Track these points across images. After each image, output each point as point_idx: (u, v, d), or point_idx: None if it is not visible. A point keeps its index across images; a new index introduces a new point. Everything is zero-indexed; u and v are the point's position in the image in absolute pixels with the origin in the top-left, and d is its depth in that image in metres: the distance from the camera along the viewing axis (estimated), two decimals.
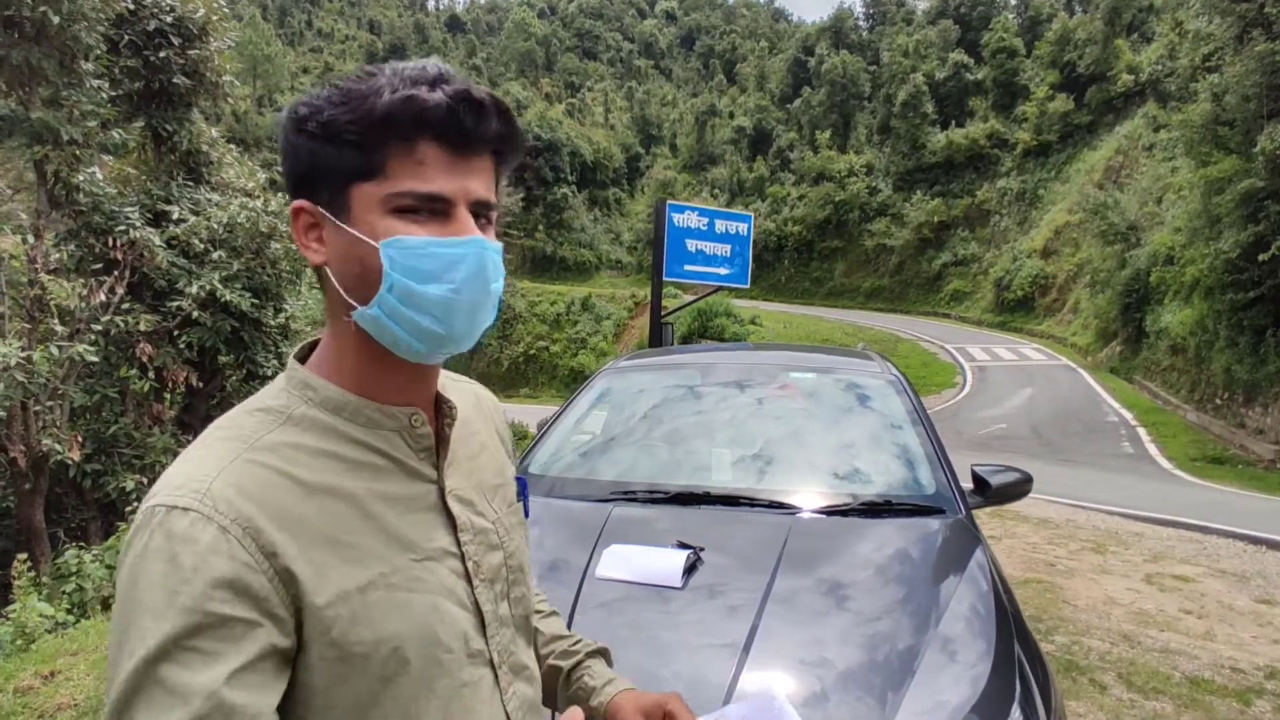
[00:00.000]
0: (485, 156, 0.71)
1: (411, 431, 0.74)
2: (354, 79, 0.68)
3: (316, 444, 0.69)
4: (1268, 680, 3.84)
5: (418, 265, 0.66)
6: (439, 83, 0.66)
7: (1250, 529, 7.94)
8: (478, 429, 0.86)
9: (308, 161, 0.68)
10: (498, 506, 0.82)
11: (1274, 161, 12.57)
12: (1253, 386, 14.76)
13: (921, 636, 1.77)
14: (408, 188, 0.66)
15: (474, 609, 0.75)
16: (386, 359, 0.71)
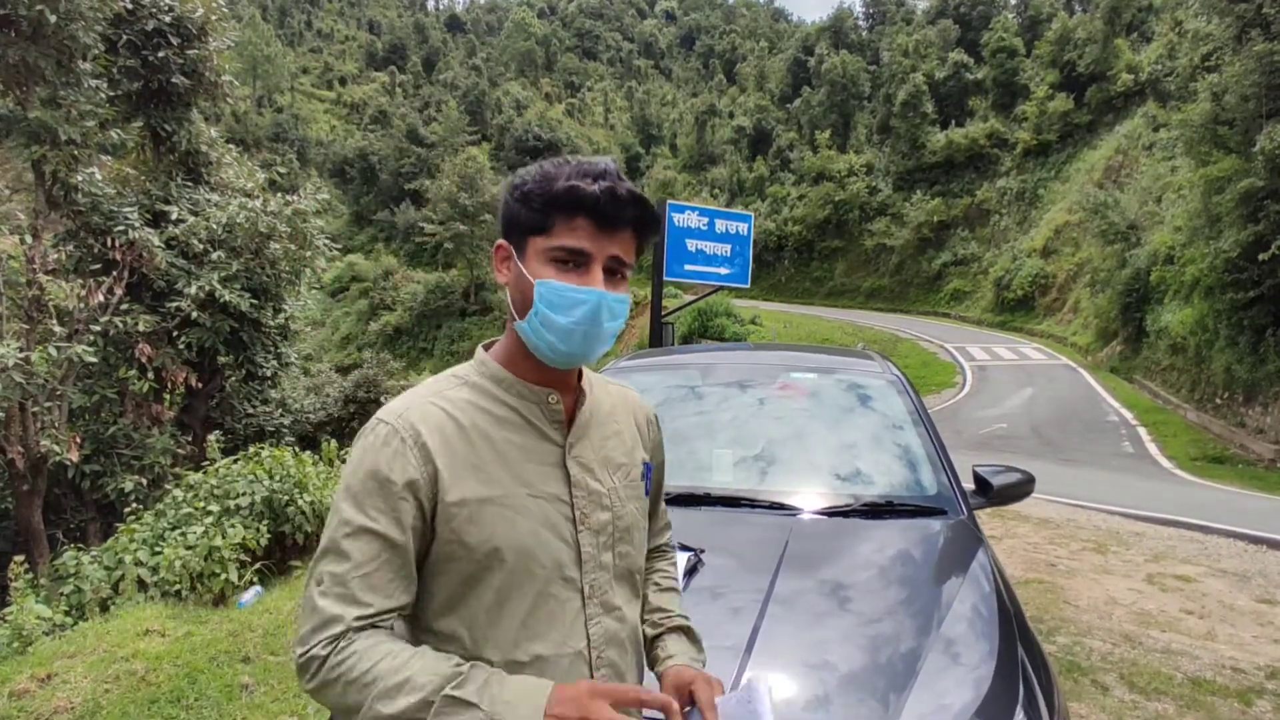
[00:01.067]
0: (626, 231, 0.98)
1: (547, 406, 1.02)
2: (552, 163, 0.99)
3: (478, 401, 1.01)
4: (1268, 680, 3.83)
5: (555, 300, 0.94)
6: (600, 178, 0.95)
7: (1251, 528, 7.92)
8: (618, 419, 1.13)
9: (510, 215, 0.99)
10: (617, 479, 1.07)
11: (1273, 161, 12.55)
12: (1252, 386, 14.75)
13: (924, 638, 1.76)
14: (562, 244, 0.95)
15: (574, 546, 1.00)
16: (531, 355, 1.00)
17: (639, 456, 1.13)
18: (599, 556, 1.03)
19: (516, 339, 1.01)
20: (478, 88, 68.30)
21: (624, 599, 1.07)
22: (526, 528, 0.96)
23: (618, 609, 1.05)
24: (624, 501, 1.07)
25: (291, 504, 5.37)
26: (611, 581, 1.04)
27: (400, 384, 15.80)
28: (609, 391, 1.17)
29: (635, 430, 1.16)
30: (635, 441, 1.14)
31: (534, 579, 0.97)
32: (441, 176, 45.43)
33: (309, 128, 68.78)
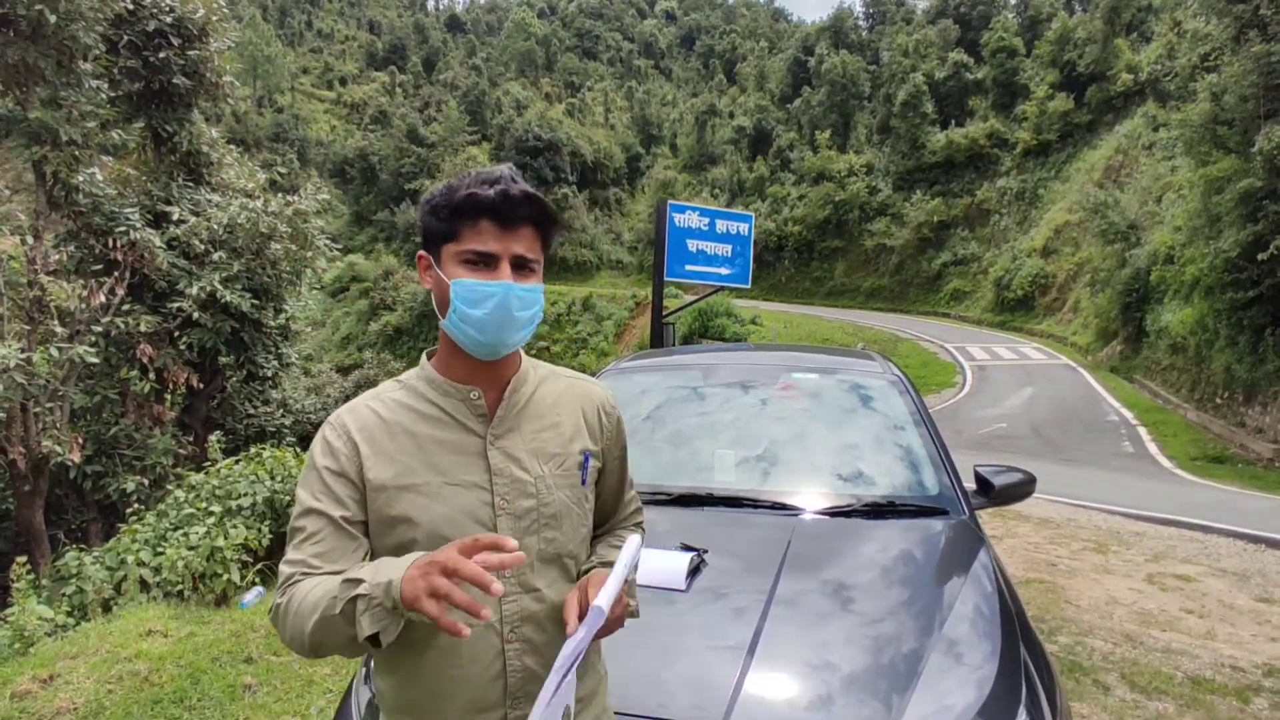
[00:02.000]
0: (527, 228, 1.08)
1: (469, 401, 1.12)
2: (456, 178, 1.08)
3: (407, 401, 1.13)
4: (1266, 678, 3.84)
5: (468, 295, 1.04)
6: (495, 183, 1.05)
7: (1250, 528, 7.93)
8: (560, 411, 1.20)
9: (425, 227, 1.10)
10: (548, 468, 1.14)
11: (1272, 161, 12.56)
12: (1252, 385, 14.75)
13: (926, 639, 1.76)
14: (469, 247, 1.06)
15: (492, 528, 1.09)
16: (460, 353, 1.11)
17: (576, 447, 1.19)
18: (520, 540, 1.09)
19: (446, 340, 1.13)
20: (478, 88, 68.28)
21: (546, 581, 1.13)
22: (439, 511, 1.07)
23: (537, 590, 1.12)
24: (552, 489, 1.14)
25: (292, 505, 5.37)
26: (534, 564, 1.12)
27: None
28: (558, 385, 1.23)
29: (580, 422, 1.21)
30: (577, 433, 1.20)
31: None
32: (441, 177, 45.47)
33: (309, 128, 68.79)
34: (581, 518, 1.18)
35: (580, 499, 1.18)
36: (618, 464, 1.30)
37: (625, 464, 1.32)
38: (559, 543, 1.14)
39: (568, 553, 1.16)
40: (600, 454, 1.23)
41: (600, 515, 1.31)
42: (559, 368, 1.28)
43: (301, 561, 1.04)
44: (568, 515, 1.15)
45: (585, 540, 1.21)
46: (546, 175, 55.52)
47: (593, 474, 1.21)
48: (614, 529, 1.35)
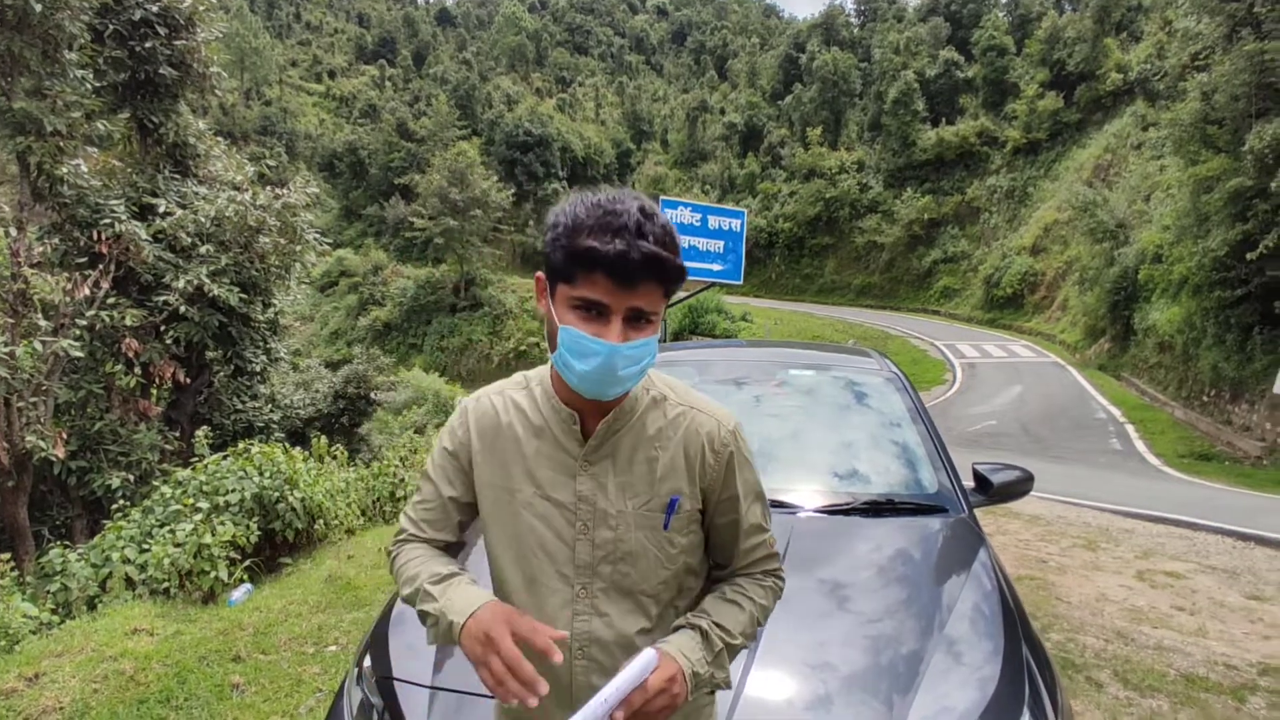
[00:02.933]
0: (649, 282, 1.01)
1: (569, 424, 1.14)
2: (584, 207, 1.02)
3: (523, 405, 1.18)
4: (1261, 676, 3.85)
5: (573, 347, 1.02)
6: (618, 235, 0.98)
7: (1238, 525, 7.99)
8: (658, 446, 1.16)
9: (548, 253, 1.07)
10: (631, 505, 1.14)
11: (1262, 160, 12.64)
12: (1239, 384, 14.88)
13: (928, 639, 1.75)
14: (582, 295, 1.01)
15: (571, 548, 1.13)
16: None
17: (667, 488, 1.14)
18: (595, 566, 1.13)
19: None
20: (468, 82, 67.87)
21: (618, 611, 1.14)
22: (526, 519, 1.14)
23: (606, 615, 1.14)
24: (631, 528, 1.13)
25: (282, 500, 5.31)
26: (608, 591, 1.14)
27: (390, 380, 15.71)
28: (666, 415, 1.18)
29: (679, 459, 1.16)
30: (671, 471, 1.15)
31: (526, 562, 1.14)
32: (431, 171, 45.11)
33: (297, 121, 68.20)
34: (661, 560, 1.15)
35: (662, 543, 1.15)
36: (727, 505, 1.20)
37: (740, 506, 1.20)
38: (632, 579, 1.14)
39: (641, 590, 1.15)
40: (698, 495, 1.17)
41: (718, 556, 1.25)
42: (677, 391, 1.22)
43: (413, 521, 1.23)
44: (644, 556, 1.14)
45: (668, 583, 1.16)
46: (537, 171, 55.29)
47: (684, 518, 1.16)
48: (735, 575, 1.24)
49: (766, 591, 1.23)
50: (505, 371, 40.92)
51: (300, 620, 4.00)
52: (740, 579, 1.23)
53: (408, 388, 19.78)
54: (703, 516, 1.20)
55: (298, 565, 5.34)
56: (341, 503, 6.22)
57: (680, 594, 1.20)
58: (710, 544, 1.23)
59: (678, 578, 1.18)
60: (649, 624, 1.16)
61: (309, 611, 4.13)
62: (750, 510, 1.21)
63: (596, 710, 0.96)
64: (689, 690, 1.06)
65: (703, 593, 1.24)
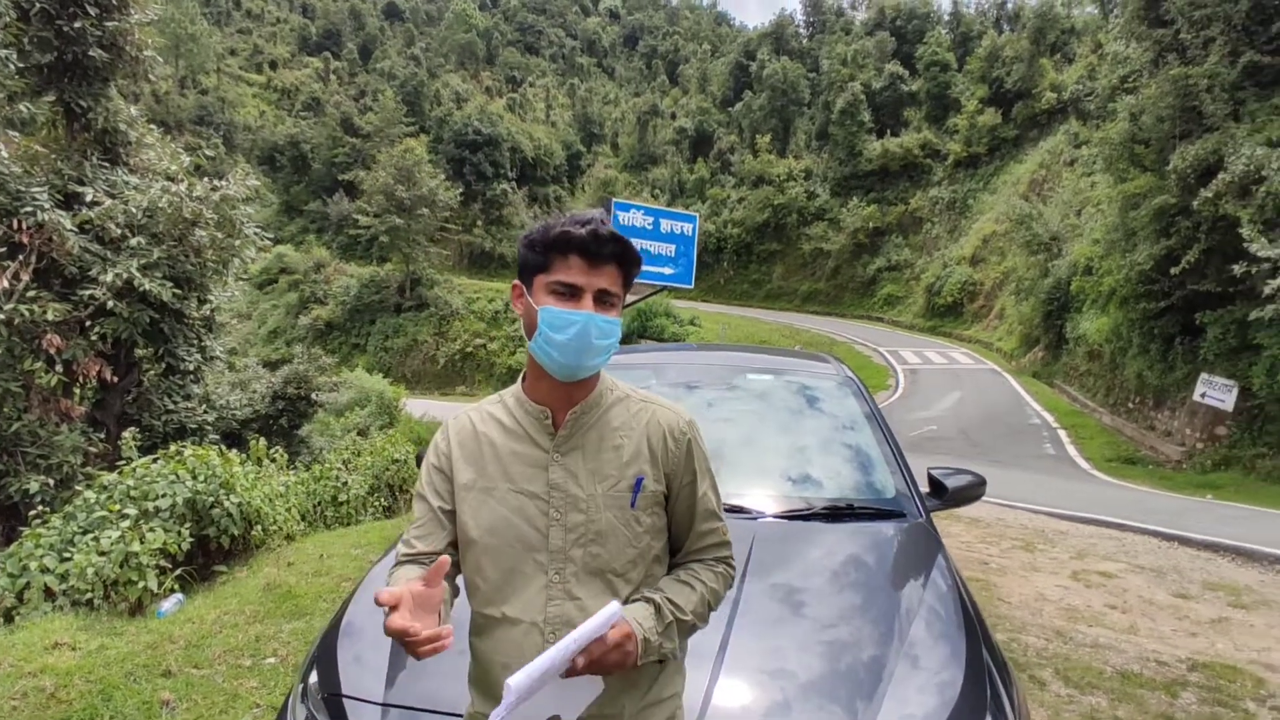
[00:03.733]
0: (611, 265, 1.21)
1: (540, 420, 1.27)
2: (553, 218, 1.22)
3: (497, 414, 1.32)
4: (1190, 672, 4.01)
5: (554, 321, 1.17)
6: (586, 224, 1.18)
7: (1163, 526, 8.36)
8: (624, 435, 1.28)
9: (522, 260, 1.26)
10: (600, 488, 1.24)
11: (1185, 180, 13.28)
12: (1162, 391, 15.62)
13: (890, 645, 1.74)
14: (558, 278, 1.20)
15: (544, 535, 1.23)
16: (542, 375, 1.25)
17: (633, 471, 1.26)
18: (568, 550, 1.22)
19: (533, 363, 1.26)
20: (416, 78, 66.65)
21: (589, 592, 1.22)
22: (501, 513, 1.24)
23: (578, 599, 1.21)
24: (600, 509, 1.24)
25: (217, 505, 5.08)
26: (579, 574, 1.22)
27: (332, 380, 15.25)
28: (629, 409, 1.32)
29: (643, 446, 1.28)
30: (636, 456, 1.27)
31: (503, 554, 1.23)
32: (377, 168, 44.16)
33: (236, 112, 65.92)
34: (629, 538, 1.25)
35: (629, 521, 1.25)
36: (687, 490, 1.32)
37: (697, 492, 1.33)
38: (603, 559, 1.23)
39: (612, 570, 1.23)
40: (662, 479, 1.29)
41: (675, 542, 1.35)
42: (640, 392, 1.36)
43: (408, 542, 1.28)
44: (613, 534, 1.23)
45: (636, 562, 1.26)
46: (485, 170, 54.66)
47: (649, 498, 1.27)
48: (689, 561, 1.35)
49: (717, 576, 1.33)
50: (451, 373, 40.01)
51: (236, 631, 3.81)
52: (693, 563, 1.34)
53: (350, 388, 19.24)
54: (666, 501, 1.30)
55: (234, 573, 5.11)
56: (281, 507, 5.98)
57: (647, 578, 1.28)
58: (670, 531, 1.33)
59: (644, 559, 1.27)
60: (611, 600, 1.21)
61: (245, 622, 3.94)
62: (706, 495, 1.34)
63: (565, 648, 1.05)
64: (640, 653, 1.15)
65: None
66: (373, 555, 5.17)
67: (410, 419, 17.57)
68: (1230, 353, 13.24)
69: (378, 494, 7.70)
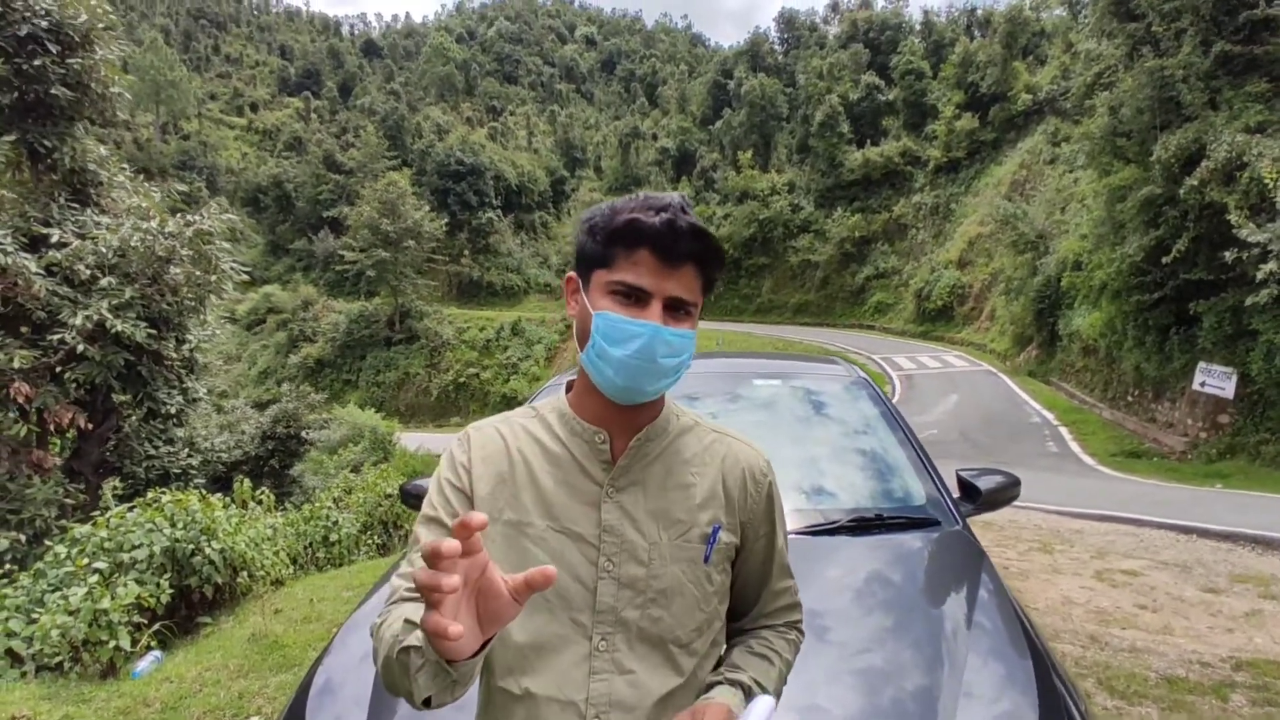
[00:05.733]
0: (688, 267, 0.95)
1: (594, 445, 1.01)
2: (623, 199, 0.98)
3: (535, 432, 1.04)
4: (1235, 672, 3.79)
5: (610, 332, 0.93)
6: (662, 211, 0.93)
7: (1177, 519, 8.16)
8: (695, 472, 1.04)
9: (579, 248, 1.00)
10: (666, 535, 0.99)
11: (1169, 169, 13.26)
12: (1160, 383, 15.48)
13: (941, 670, 1.51)
14: (620, 278, 0.94)
15: (591, 591, 0.96)
16: (595, 391, 0.99)
17: (706, 517, 1.02)
18: (619, 610, 0.97)
19: (583, 375, 1.03)
20: (396, 112, 66.92)
21: (646, 666, 0.97)
22: (535, 557, 0.96)
23: (631, 672, 0.96)
24: (666, 561, 0.99)
25: (198, 553, 4.80)
26: (631, 641, 0.97)
27: (323, 417, 14.98)
28: (701, 440, 1.08)
29: (718, 487, 1.05)
30: (710, 499, 1.04)
31: (536, 610, 0.95)
32: (361, 203, 44.15)
33: (219, 155, 65.99)
34: (698, 600, 1.01)
35: (700, 579, 1.01)
36: (763, 544, 1.10)
37: (774, 545, 1.11)
38: (664, 624, 0.98)
39: (674, 639, 0.99)
40: (737, 528, 1.06)
41: (740, 604, 1.12)
42: (708, 420, 1.12)
43: (410, 575, 0.94)
44: (680, 594, 0.99)
45: (703, 629, 1.02)
46: (470, 200, 54.72)
47: (723, 551, 1.04)
48: (758, 627, 1.13)
49: (790, 645, 1.13)
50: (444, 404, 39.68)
51: (218, 689, 3.54)
52: (763, 631, 1.13)
53: (342, 425, 18.95)
54: (735, 555, 1.07)
55: (218, 624, 4.83)
56: (268, 551, 5.70)
57: (713, 645, 1.05)
58: (734, 590, 1.10)
59: (711, 626, 1.03)
60: (680, 680, 0.99)
61: (229, 678, 3.66)
62: (782, 550, 1.13)
63: None
64: None
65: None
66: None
67: (405, 453, 17.27)
68: (1227, 340, 13.13)
69: (371, 531, 7.42)
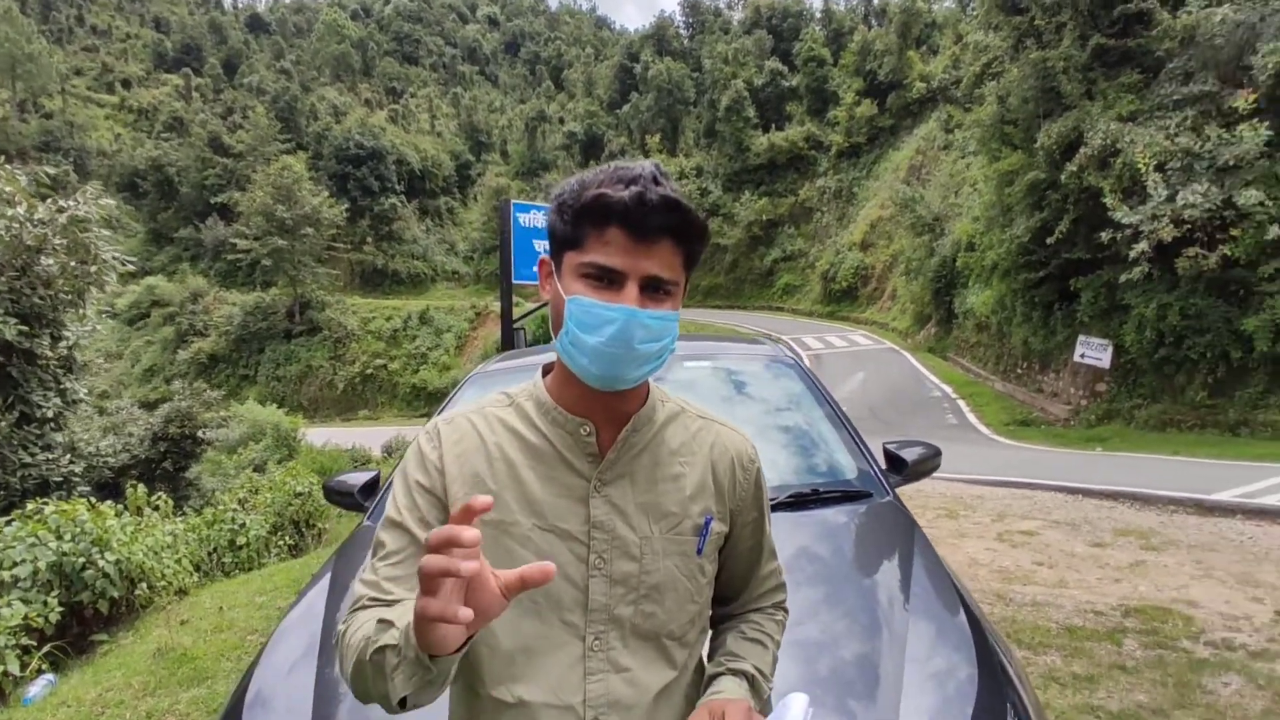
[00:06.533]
0: (664, 242, 0.89)
1: (578, 436, 0.96)
2: (593, 170, 0.93)
3: (512, 423, 0.98)
4: (1125, 618, 4.12)
5: (583, 318, 0.88)
6: (632, 183, 0.88)
7: (1066, 480, 8.79)
8: (685, 461, 1.01)
9: (550, 228, 0.95)
10: (658, 529, 0.97)
11: (1051, 156, 14.17)
12: (1046, 355, 16.62)
13: (880, 637, 1.57)
14: (592, 259, 0.89)
15: (582, 590, 0.93)
16: (575, 379, 0.93)
17: (698, 508, 1.00)
18: (612, 608, 0.94)
19: (560, 362, 0.97)
20: (288, 92, 63.48)
21: (640, 662, 0.95)
22: (521, 559, 0.91)
23: (628, 670, 0.94)
24: (659, 555, 0.96)
25: (90, 566, 4.45)
26: (626, 638, 0.95)
27: (220, 415, 14.16)
28: (688, 428, 1.04)
29: (707, 476, 1.02)
30: (702, 490, 1.01)
31: (525, 615, 0.93)
32: (254, 188, 41.77)
33: (88, 136, 60.87)
34: (692, 592, 0.99)
35: (694, 571, 0.99)
36: (751, 529, 1.08)
37: (763, 530, 1.10)
38: (658, 619, 0.97)
39: (668, 633, 0.97)
40: (728, 516, 1.04)
41: (728, 590, 1.11)
42: (694, 405, 1.08)
43: (374, 584, 0.91)
44: (673, 588, 0.97)
45: (695, 620, 1.01)
46: (371, 185, 52.73)
47: (714, 542, 1.02)
48: (747, 611, 1.12)
49: (779, 626, 1.14)
50: (351, 397, 38.20)
51: (123, 709, 3.31)
52: (753, 615, 1.12)
53: (242, 423, 17.97)
54: (724, 543, 1.06)
55: (116, 641, 4.50)
56: (169, 559, 5.35)
57: (701, 633, 1.04)
58: (721, 576, 1.09)
59: (702, 616, 1.03)
60: (675, 673, 0.98)
61: (133, 697, 3.43)
62: (769, 534, 1.13)
63: None
64: None
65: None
66: (281, 601, 4.67)
67: (311, 449, 16.56)
68: (1103, 314, 14.21)
69: (281, 533, 7.09)
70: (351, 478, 2.63)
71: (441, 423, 1.01)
